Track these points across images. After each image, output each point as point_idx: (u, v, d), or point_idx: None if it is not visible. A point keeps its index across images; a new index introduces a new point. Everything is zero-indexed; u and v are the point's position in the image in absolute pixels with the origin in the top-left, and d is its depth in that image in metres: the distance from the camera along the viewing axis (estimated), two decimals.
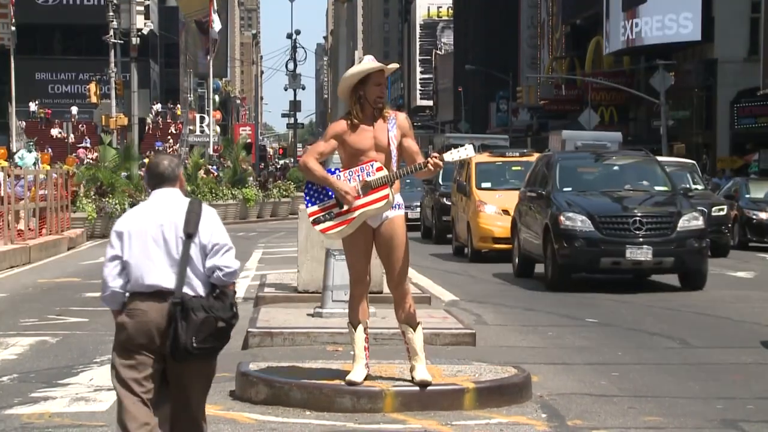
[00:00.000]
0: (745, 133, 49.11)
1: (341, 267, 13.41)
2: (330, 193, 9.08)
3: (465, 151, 9.10)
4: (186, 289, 6.29)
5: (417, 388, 9.07)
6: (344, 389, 9.03)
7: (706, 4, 51.22)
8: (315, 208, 9.14)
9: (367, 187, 8.96)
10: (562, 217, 18.34)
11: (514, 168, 26.21)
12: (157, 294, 6.29)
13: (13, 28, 62.46)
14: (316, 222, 9.17)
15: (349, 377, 9.11)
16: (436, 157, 8.98)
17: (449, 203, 28.68)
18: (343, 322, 9.66)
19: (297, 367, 9.83)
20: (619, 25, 56.90)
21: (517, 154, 27.68)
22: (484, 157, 27.06)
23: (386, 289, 12.12)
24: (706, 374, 11.07)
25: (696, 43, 52.39)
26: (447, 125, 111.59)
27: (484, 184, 25.47)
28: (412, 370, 9.21)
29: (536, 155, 26.47)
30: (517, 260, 20.91)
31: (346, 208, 9.00)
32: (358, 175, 8.98)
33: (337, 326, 12.53)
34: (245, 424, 8.62)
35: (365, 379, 9.15)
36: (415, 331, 9.19)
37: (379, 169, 8.94)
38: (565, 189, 19.46)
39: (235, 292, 6.54)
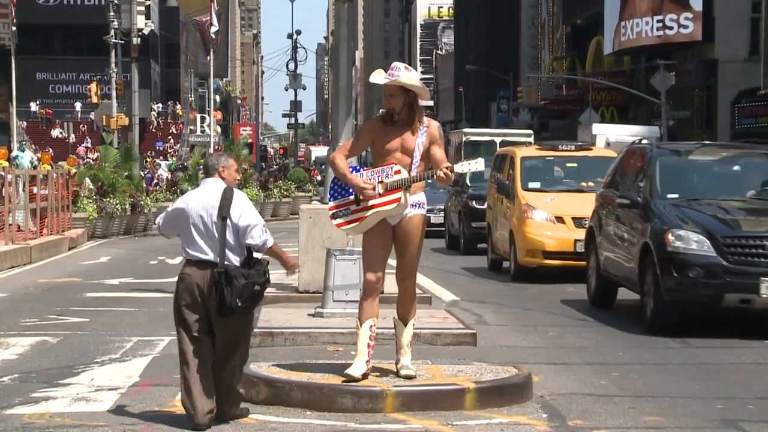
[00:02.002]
0: (746, 134, 49.01)
1: (342, 267, 13.46)
2: (350, 190, 9.35)
3: (476, 165, 9.36)
4: (225, 261, 8.26)
5: (418, 387, 9.11)
6: (345, 389, 9.05)
7: (707, 4, 51.22)
8: (335, 202, 9.46)
9: (385, 189, 9.21)
10: (670, 236, 13.65)
11: (568, 164, 21.78)
12: (199, 262, 8.33)
13: (14, 29, 62.42)
14: (333, 216, 9.50)
15: (347, 371, 9.24)
16: (447, 167, 9.13)
17: (479, 207, 25.16)
18: (344, 322, 9.73)
19: (298, 367, 9.83)
20: (620, 25, 56.89)
21: (573, 147, 22.51)
22: (531, 151, 22.72)
23: (387, 289, 12.15)
24: (706, 374, 11.08)
25: (696, 43, 52.39)
26: (447, 125, 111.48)
27: (531, 184, 20.98)
28: (397, 362, 9.45)
29: (596, 149, 23.04)
30: (594, 284, 16.43)
31: (362, 206, 9.26)
32: (378, 176, 9.26)
33: (337, 326, 12.55)
34: (246, 424, 8.62)
35: (364, 375, 9.23)
36: (405, 326, 9.48)
37: (397, 172, 9.22)
38: (669, 195, 14.68)
39: (267, 262, 8.43)
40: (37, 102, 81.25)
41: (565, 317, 15.38)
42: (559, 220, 19.93)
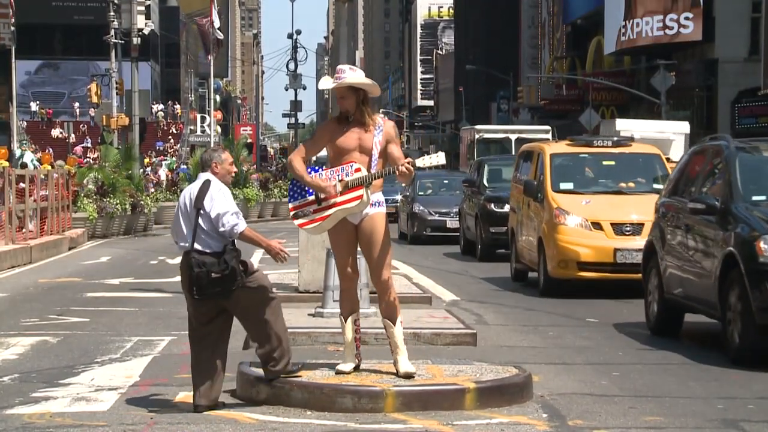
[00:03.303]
0: (746, 133, 48.96)
1: None
2: (309, 191, 9.50)
3: (436, 158, 9.62)
4: (199, 246, 8.83)
5: (418, 387, 9.12)
6: (345, 389, 9.06)
7: (707, 4, 51.24)
8: (296, 203, 9.61)
9: (345, 187, 9.31)
10: (762, 244, 11.24)
11: (605, 162, 19.29)
12: (185, 252, 8.90)
13: (13, 29, 62.41)
14: (295, 217, 9.66)
15: (338, 366, 9.53)
16: (408, 162, 9.27)
17: (498, 210, 23.66)
18: None
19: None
20: (620, 25, 56.90)
21: (610, 143, 19.60)
22: (562, 147, 19.80)
23: None
24: (706, 374, 11.07)
25: (696, 43, 52.39)
26: (448, 125, 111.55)
27: (563, 185, 18.48)
28: (395, 363, 9.49)
29: (636, 145, 20.13)
30: (655, 308, 13.79)
31: (323, 205, 9.38)
32: (338, 175, 9.37)
33: (337, 326, 12.46)
34: (246, 424, 8.63)
35: (355, 368, 9.52)
36: (395, 325, 9.52)
37: (357, 170, 9.33)
38: (755, 198, 12.30)
39: (237, 253, 8.87)
40: (37, 102, 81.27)
41: (565, 317, 15.37)
42: (596, 226, 17.51)
